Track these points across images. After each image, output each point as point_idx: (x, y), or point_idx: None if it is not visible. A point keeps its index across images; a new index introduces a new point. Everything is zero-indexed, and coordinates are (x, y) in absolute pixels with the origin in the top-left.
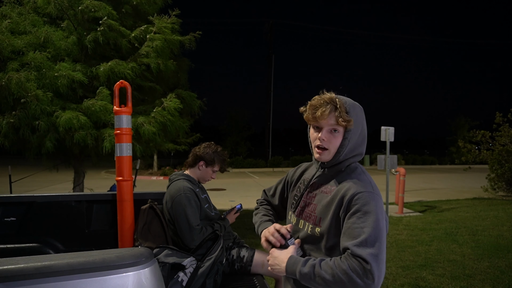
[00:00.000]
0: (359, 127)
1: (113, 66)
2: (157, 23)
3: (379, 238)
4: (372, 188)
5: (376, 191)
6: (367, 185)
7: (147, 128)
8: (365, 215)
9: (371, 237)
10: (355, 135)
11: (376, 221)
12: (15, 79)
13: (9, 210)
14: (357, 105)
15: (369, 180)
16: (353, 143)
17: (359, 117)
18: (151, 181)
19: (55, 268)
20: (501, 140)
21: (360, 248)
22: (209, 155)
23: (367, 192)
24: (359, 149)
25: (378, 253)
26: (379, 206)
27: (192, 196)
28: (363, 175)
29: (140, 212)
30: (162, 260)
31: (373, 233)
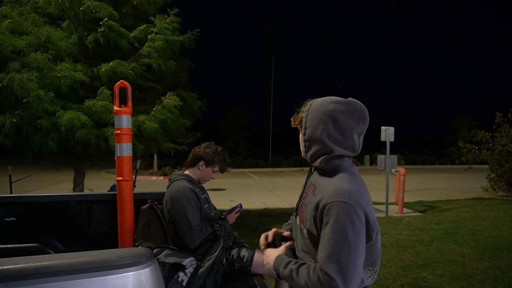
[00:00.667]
0: (316, 125)
1: (114, 66)
2: (158, 23)
3: (345, 252)
4: (348, 197)
5: (353, 201)
6: (341, 193)
7: (148, 125)
8: (333, 228)
9: (336, 252)
10: (312, 133)
11: (342, 235)
12: (17, 80)
13: (9, 210)
14: (323, 104)
15: (348, 188)
16: (309, 141)
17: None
18: (151, 181)
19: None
20: (501, 140)
21: (326, 263)
22: (209, 155)
23: (337, 201)
24: (323, 147)
25: (343, 268)
26: (349, 219)
27: (192, 196)
28: (344, 181)
29: (140, 212)
30: (162, 260)
31: (338, 248)
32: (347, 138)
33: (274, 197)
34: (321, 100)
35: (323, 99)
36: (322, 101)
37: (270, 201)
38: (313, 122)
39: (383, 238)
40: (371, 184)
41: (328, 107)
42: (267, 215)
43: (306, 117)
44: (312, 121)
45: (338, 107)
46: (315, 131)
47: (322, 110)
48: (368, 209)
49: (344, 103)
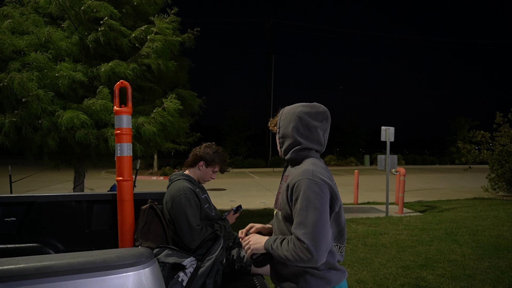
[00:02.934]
0: (288, 124)
1: (113, 67)
2: (158, 23)
3: (312, 219)
4: (311, 175)
5: (315, 178)
6: (306, 172)
7: (147, 128)
8: (301, 201)
9: (304, 220)
10: (288, 130)
11: (308, 205)
12: (18, 79)
13: (9, 210)
14: (293, 108)
15: (312, 168)
16: (284, 137)
17: (288, 116)
18: (151, 181)
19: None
20: (501, 140)
21: (297, 230)
22: (209, 156)
23: (303, 179)
24: (296, 143)
25: (312, 232)
26: (313, 191)
27: (192, 196)
28: (308, 165)
29: (140, 212)
30: (162, 260)
31: (305, 216)
32: (313, 134)
33: (274, 197)
34: (291, 106)
35: (292, 105)
36: (292, 106)
37: (270, 201)
38: (285, 122)
39: (383, 238)
40: (371, 184)
41: (296, 110)
42: (267, 215)
43: (279, 119)
44: (284, 122)
45: (305, 109)
46: (286, 129)
47: (292, 112)
48: (331, 184)
49: (309, 105)
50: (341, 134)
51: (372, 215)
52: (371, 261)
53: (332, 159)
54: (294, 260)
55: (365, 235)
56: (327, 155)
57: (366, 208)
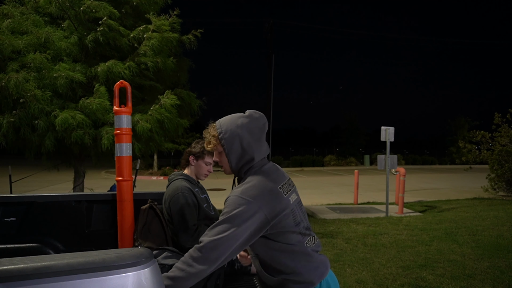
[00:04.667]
0: (235, 139)
1: (110, 66)
2: (155, 21)
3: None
4: (241, 191)
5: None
6: (240, 188)
7: (141, 125)
8: (223, 215)
9: (211, 230)
10: (234, 146)
11: (222, 220)
12: (14, 79)
13: (9, 210)
14: (232, 121)
15: (250, 183)
16: (235, 154)
17: (232, 131)
18: (151, 181)
19: (55, 268)
20: (501, 140)
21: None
22: (197, 148)
23: (232, 195)
24: (247, 156)
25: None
26: (236, 208)
27: (190, 196)
28: (252, 179)
29: (140, 212)
30: (161, 262)
31: (214, 229)
32: (261, 143)
33: None
34: (226, 117)
35: (228, 118)
36: (229, 118)
37: None
38: (233, 134)
39: (383, 238)
40: (371, 184)
41: (235, 121)
42: None
43: (221, 135)
44: (232, 134)
45: (244, 119)
46: (243, 138)
47: (234, 125)
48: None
49: (247, 115)
50: (341, 134)
51: (372, 215)
52: (371, 261)
53: (332, 159)
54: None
55: (365, 235)
56: (327, 155)
57: (366, 208)
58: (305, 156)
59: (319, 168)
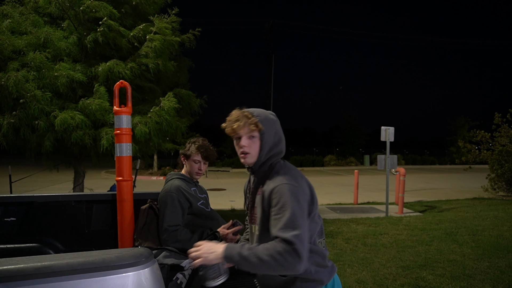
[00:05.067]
0: (271, 131)
1: (111, 66)
2: (157, 23)
3: (298, 221)
4: (287, 179)
5: (294, 181)
6: (285, 178)
7: (140, 128)
8: (284, 204)
9: (291, 221)
10: (270, 137)
11: (293, 207)
12: (13, 78)
13: (9, 210)
14: (268, 114)
15: (285, 172)
16: (269, 144)
17: (269, 122)
18: (151, 181)
19: (55, 268)
20: (501, 140)
21: (285, 232)
22: (186, 149)
23: (282, 184)
24: (277, 149)
25: (299, 234)
26: (293, 194)
27: (178, 196)
28: (281, 170)
29: (140, 212)
30: (160, 261)
31: (291, 218)
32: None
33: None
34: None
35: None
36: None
37: None
38: (269, 123)
39: (383, 238)
40: (371, 184)
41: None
42: None
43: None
44: (269, 122)
45: (273, 116)
46: (277, 131)
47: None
48: (307, 185)
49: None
50: (341, 134)
51: (372, 215)
52: (371, 261)
53: (332, 159)
54: (278, 262)
55: (365, 235)
56: (327, 155)
57: (366, 208)
58: (305, 156)
59: (319, 168)
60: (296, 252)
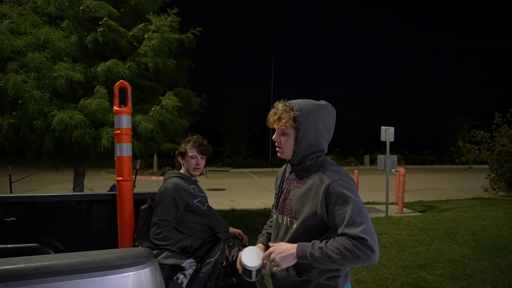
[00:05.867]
0: (312, 127)
1: (110, 66)
2: (155, 21)
3: (363, 214)
4: (341, 175)
5: (345, 177)
6: (336, 173)
7: (144, 125)
8: (345, 200)
9: (356, 217)
10: (308, 135)
11: (354, 202)
12: (12, 81)
13: (9, 210)
14: (313, 109)
15: (337, 169)
16: (307, 142)
17: (311, 118)
18: (151, 181)
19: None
20: (501, 140)
21: (352, 229)
22: (181, 147)
23: (338, 179)
24: (318, 146)
25: (367, 227)
26: (352, 189)
27: (174, 192)
28: (330, 166)
29: (140, 212)
30: (161, 261)
31: (356, 213)
32: (330, 136)
33: (273, 197)
34: (303, 102)
35: (305, 101)
36: (305, 104)
37: (270, 201)
38: (312, 120)
39: (383, 238)
40: (371, 184)
41: (316, 110)
42: (267, 215)
43: (300, 118)
44: (311, 119)
45: (323, 109)
46: (319, 128)
47: (315, 111)
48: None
49: (324, 105)
50: (341, 134)
51: (372, 215)
52: None
53: (332, 159)
54: (351, 260)
55: None
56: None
57: (365, 208)
58: None
59: None
60: (367, 247)
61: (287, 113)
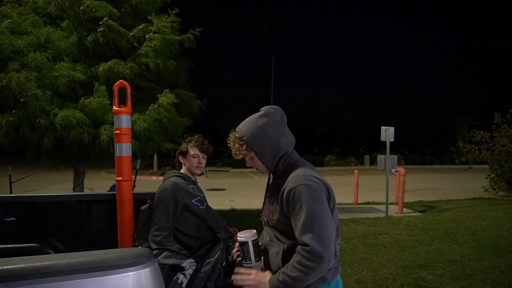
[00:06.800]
0: (263, 141)
1: (112, 66)
2: (156, 22)
3: (315, 222)
4: (304, 179)
5: (308, 181)
6: (299, 178)
7: (139, 124)
8: (300, 207)
9: (307, 223)
10: (265, 149)
11: (309, 209)
12: (16, 79)
13: (9, 210)
14: (254, 125)
15: (303, 172)
16: (268, 154)
17: (258, 136)
18: (151, 181)
19: (55, 268)
20: (500, 140)
21: (302, 236)
22: (182, 147)
23: (299, 185)
24: (279, 151)
25: (317, 235)
26: (310, 195)
27: (173, 191)
28: (297, 169)
29: (140, 212)
30: (161, 261)
31: (308, 219)
32: (284, 133)
33: None
34: (242, 125)
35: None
36: (244, 125)
37: None
38: (259, 135)
39: (383, 238)
40: (371, 184)
41: (257, 125)
42: None
43: (249, 142)
44: (256, 135)
45: (263, 119)
46: (269, 136)
47: (256, 127)
48: (325, 181)
49: (264, 113)
50: (341, 134)
51: (372, 215)
52: (371, 261)
53: (332, 159)
54: (307, 272)
55: (365, 235)
56: (327, 155)
57: (366, 208)
58: (305, 156)
59: (319, 168)
60: (314, 254)
61: (238, 144)
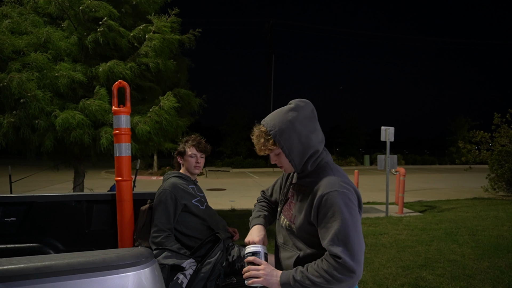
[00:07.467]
0: (293, 137)
1: (112, 67)
2: (156, 22)
3: (349, 233)
4: (338, 185)
5: (343, 188)
6: (333, 184)
7: (141, 127)
8: (333, 215)
9: (341, 235)
10: (294, 146)
11: (343, 219)
12: (16, 79)
13: (9, 210)
14: (284, 120)
15: (336, 177)
16: (297, 152)
17: (286, 131)
18: (151, 181)
19: (55, 268)
20: (500, 140)
21: (333, 247)
22: (180, 147)
23: (332, 191)
24: (310, 149)
25: (350, 248)
26: (345, 203)
27: (172, 191)
28: (330, 172)
29: (140, 213)
30: (161, 261)
31: (342, 230)
32: (316, 130)
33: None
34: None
35: (274, 115)
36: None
37: None
38: (287, 130)
39: (383, 238)
40: (371, 184)
41: (287, 119)
42: None
43: (277, 138)
44: (285, 131)
45: (293, 113)
46: (299, 132)
47: (285, 121)
48: (356, 188)
49: (294, 107)
50: (341, 134)
51: (372, 215)
52: (371, 261)
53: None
54: (331, 282)
55: (365, 235)
56: None
57: (366, 208)
58: None
59: None
60: (346, 268)
61: (264, 138)
